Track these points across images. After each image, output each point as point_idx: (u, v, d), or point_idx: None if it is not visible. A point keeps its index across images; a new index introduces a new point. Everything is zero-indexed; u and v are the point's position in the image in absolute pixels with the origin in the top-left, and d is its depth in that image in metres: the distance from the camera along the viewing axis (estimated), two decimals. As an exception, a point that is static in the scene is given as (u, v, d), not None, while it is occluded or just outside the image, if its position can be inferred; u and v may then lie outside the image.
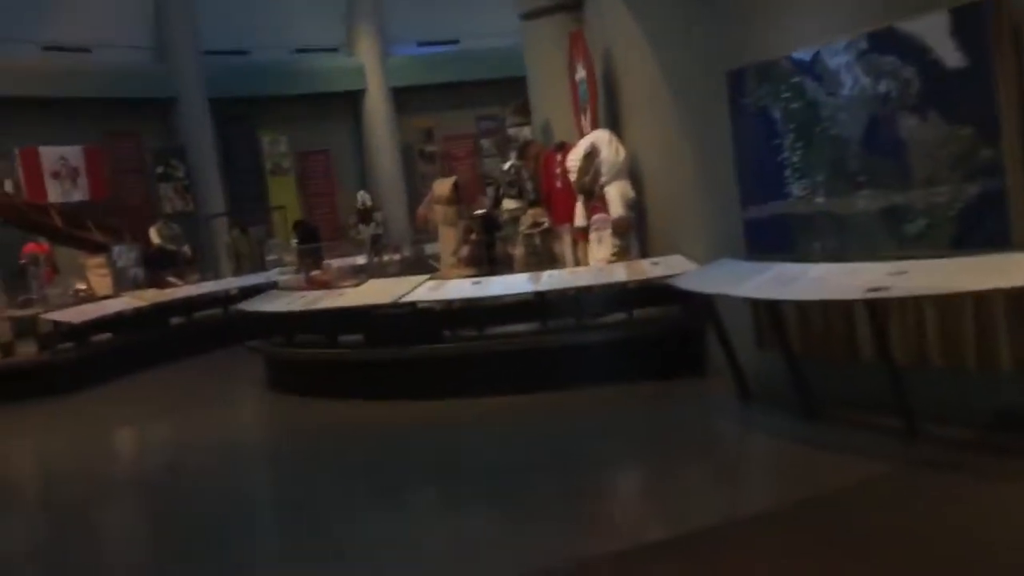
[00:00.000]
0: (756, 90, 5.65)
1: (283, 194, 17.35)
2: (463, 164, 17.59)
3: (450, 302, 7.29)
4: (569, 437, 5.97)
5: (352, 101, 18.47)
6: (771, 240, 5.72)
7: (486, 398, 6.91)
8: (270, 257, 13.75)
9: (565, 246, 7.78)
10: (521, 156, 9.26)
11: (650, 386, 6.69)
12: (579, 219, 7.87)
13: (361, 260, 10.21)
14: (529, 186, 8.83)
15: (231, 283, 13.10)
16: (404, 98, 18.40)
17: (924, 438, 4.69)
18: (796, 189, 5.45)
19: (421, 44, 18.67)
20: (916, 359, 4.81)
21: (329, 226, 15.79)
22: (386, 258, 10.79)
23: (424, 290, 7.26)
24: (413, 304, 7.25)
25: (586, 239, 7.80)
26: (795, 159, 5.42)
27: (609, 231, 7.51)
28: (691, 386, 6.69)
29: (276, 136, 17.61)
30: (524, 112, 10.30)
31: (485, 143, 17.96)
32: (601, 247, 7.64)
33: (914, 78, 4.65)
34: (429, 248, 10.96)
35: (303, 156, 18.09)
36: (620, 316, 7.24)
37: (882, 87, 4.83)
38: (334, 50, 18.37)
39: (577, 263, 7.65)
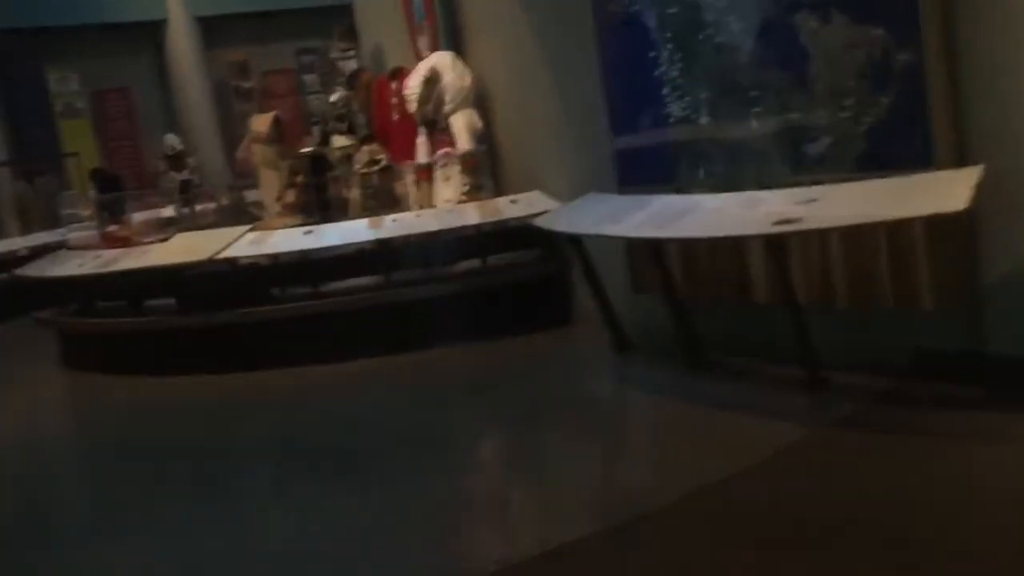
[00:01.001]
0: (626, -5, 4.87)
1: (77, 139, 15.36)
2: (284, 102, 16.08)
3: (276, 256, 6.23)
4: (422, 408, 5.11)
5: (153, 32, 16.54)
6: (646, 170, 5.02)
7: (323, 366, 5.96)
8: (65, 211, 12.04)
9: (407, 186, 6.84)
10: (350, 86, 8.22)
11: (512, 341, 5.93)
12: (421, 155, 6.94)
13: (169, 212, 8.88)
14: (361, 120, 7.83)
15: (17, 243, 11.41)
16: (212, 28, 16.63)
17: (831, 389, 4.14)
18: (676, 110, 4.74)
19: (229, -32, 16.89)
20: (820, 299, 4.23)
21: (134, 174, 14.10)
22: (199, 207, 9.48)
23: (245, 243, 6.17)
24: (232, 260, 6.15)
25: (430, 178, 6.89)
26: (674, 75, 4.70)
27: (457, 167, 6.64)
28: (558, 338, 5.98)
29: (66, 73, 15.54)
30: (350, 37, 9.18)
31: (307, 78, 16.57)
32: (448, 186, 6.76)
33: (816, -29, 3.98)
34: (252, 196, 9.77)
35: (99, 95, 16.09)
36: (473, 264, 6.41)
37: (777, -16, 4.13)
38: (128, -27, 16.34)
39: (421, 205, 6.73)
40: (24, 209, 12.44)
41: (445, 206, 6.60)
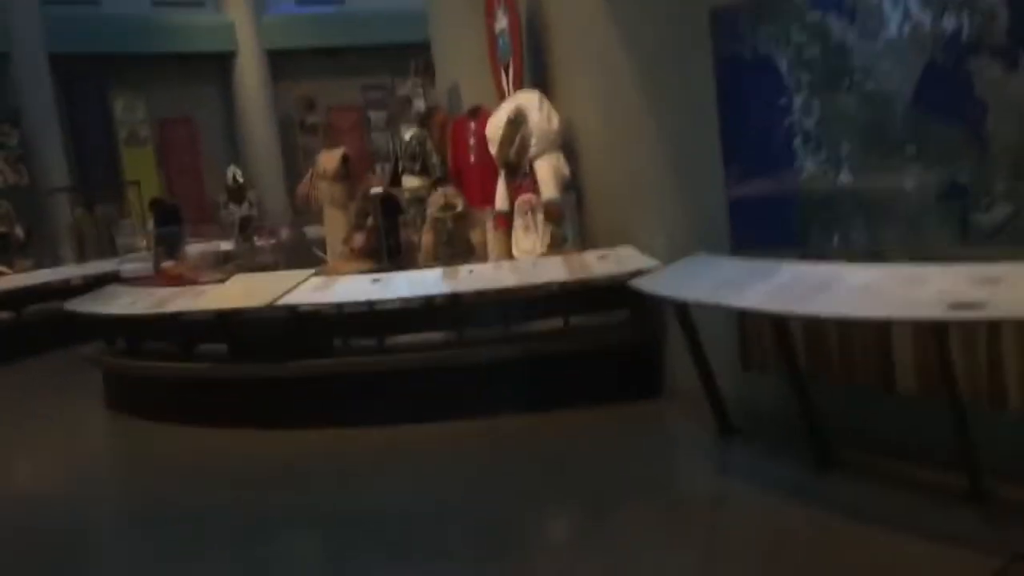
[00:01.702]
0: (754, 33, 4.28)
1: (139, 167, 15.20)
2: (349, 138, 15.73)
3: (340, 305, 5.68)
4: (489, 487, 4.49)
5: (221, 64, 16.41)
6: (767, 232, 4.39)
7: (383, 428, 5.38)
8: (121, 241, 11.76)
9: (483, 234, 6.28)
10: (424, 125, 7.74)
11: (594, 413, 5.28)
12: (501, 201, 6.39)
13: (227, 246, 8.44)
14: (435, 160, 7.32)
15: (73, 271, 11.12)
16: (281, 63, 16.47)
17: (996, 503, 3.44)
18: (809, 164, 4.12)
19: (300, 2, 16.72)
20: (984, 396, 3.54)
21: (193, 205, 13.83)
22: (258, 243, 9.03)
23: (308, 289, 5.65)
24: (293, 308, 5.62)
25: (509, 226, 6.33)
26: (809, 124, 4.09)
27: (540, 216, 6.07)
28: (647, 414, 5.31)
29: (132, 100, 15.41)
30: (428, 73, 8.73)
31: (373, 115, 16.27)
32: (528, 236, 6.18)
33: (1000, 8, 3.35)
34: (311, 232, 9.33)
35: (163, 124, 15.96)
36: (554, 324, 5.80)
37: (947, 24, 3.51)
38: (200, 4, 16.22)
39: (499, 256, 6.16)
40: (81, 237, 12.17)
41: (525, 258, 6.03)
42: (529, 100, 6.25)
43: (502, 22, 6.87)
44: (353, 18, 16.36)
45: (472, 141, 6.97)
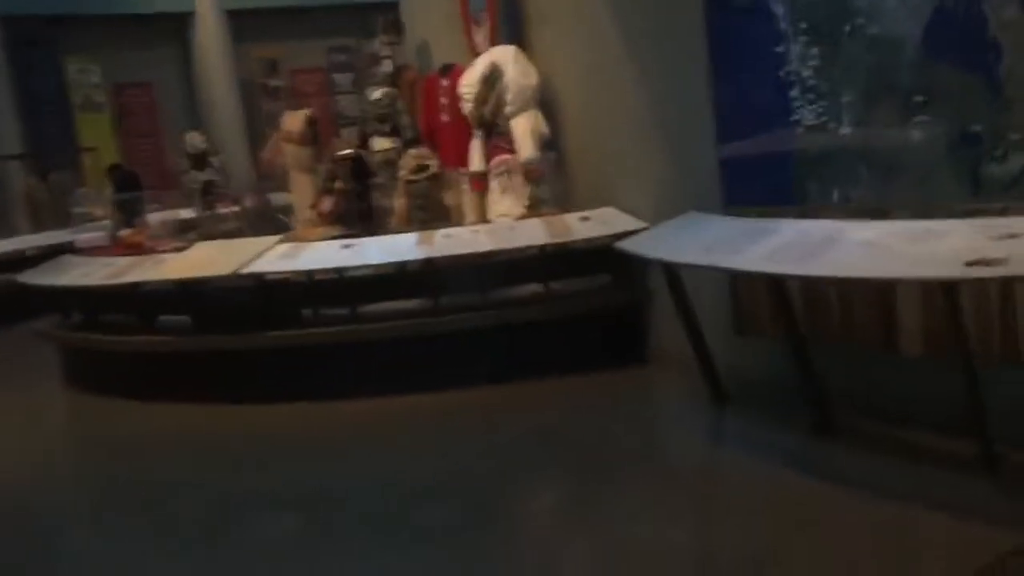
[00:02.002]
0: (747, -24, 4.03)
1: (96, 134, 14.64)
2: (314, 102, 15.27)
3: (309, 273, 5.39)
4: (472, 460, 4.27)
5: (179, 24, 15.80)
6: (762, 188, 4.17)
7: (357, 401, 5.13)
8: (78, 209, 11.30)
9: (458, 197, 6.00)
10: (394, 84, 7.41)
11: (578, 381, 5.07)
12: (476, 162, 6.11)
13: (188, 213, 8.09)
14: (405, 120, 7.01)
15: (26, 241, 10.66)
16: (242, 23, 15.87)
17: (1007, 471, 3.27)
18: (807, 115, 3.88)
19: (261, -40, 16.14)
20: (997, 357, 3.36)
21: (154, 172, 13.33)
22: (221, 210, 8.68)
23: (275, 256, 5.35)
24: (259, 276, 5.33)
25: (485, 188, 6.06)
26: (807, 73, 3.84)
27: (517, 177, 5.80)
28: (634, 381, 5.11)
29: (86, 64, 14.81)
30: (395, 31, 8.37)
31: (338, 77, 15.81)
32: (505, 198, 5.92)
33: (1017, -56, 3.12)
34: (277, 198, 8.98)
35: (120, 89, 15.35)
36: (533, 289, 5.55)
37: (960, -39, 3.28)
38: (156, -37, 15.61)
39: (474, 219, 5.90)
40: (36, 206, 11.69)
41: (503, 221, 5.77)
42: (504, 55, 5.96)
43: (474, -26, 6.55)
44: (317, -24, 15.81)
45: (444, 100, 6.65)
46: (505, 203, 5.89)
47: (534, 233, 5.29)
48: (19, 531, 4.09)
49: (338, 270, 5.28)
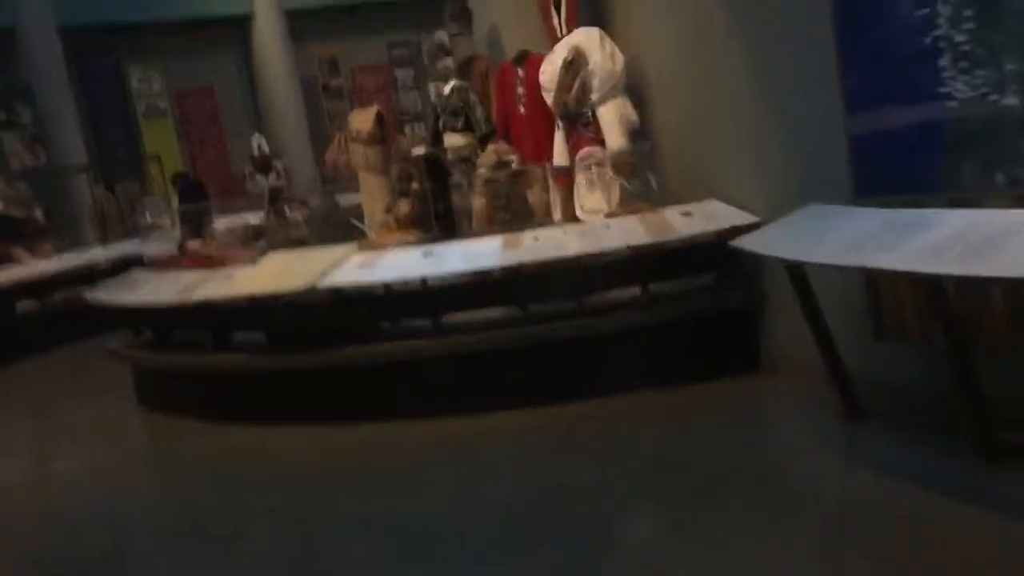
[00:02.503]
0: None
1: (159, 141, 14.56)
2: (376, 99, 15.00)
3: (390, 284, 4.99)
4: (573, 484, 3.83)
5: (238, 27, 15.63)
6: (904, 172, 3.63)
7: (446, 419, 4.75)
8: (146, 220, 11.14)
9: (543, 194, 5.55)
10: (463, 76, 6.99)
11: (685, 393, 4.61)
12: (559, 155, 5.66)
13: (255, 219, 7.78)
14: (479, 114, 6.59)
15: (97, 254, 10.56)
16: (301, 23, 15.65)
17: None
18: (961, 87, 3.34)
19: (317, -42, 15.89)
20: None
21: (218, 178, 13.21)
22: (290, 215, 8.35)
23: (352, 267, 4.97)
24: (338, 289, 4.95)
25: (570, 183, 5.60)
26: (960, 39, 3.30)
27: (607, 170, 5.33)
28: (750, 393, 4.62)
29: (148, 72, 14.72)
30: (464, 18, 7.94)
31: (400, 74, 15.49)
32: (593, 194, 5.45)
33: None
34: (344, 200, 8.66)
35: (182, 95, 15.27)
36: (631, 293, 5.07)
37: None
38: (213, -34, 15.46)
39: (562, 218, 5.44)
40: (104, 217, 11.58)
41: (596, 220, 5.30)
42: (588, 39, 5.49)
43: (550, -47, 6.08)
44: (375, -29, 15.51)
45: (521, 90, 6.23)
46: (593, 199, 5.43)
47: (632, 232, 4.81)
48: (94, 554, 3.84)
49: (420, 279, 4.87)
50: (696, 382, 4.68)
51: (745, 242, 3.98)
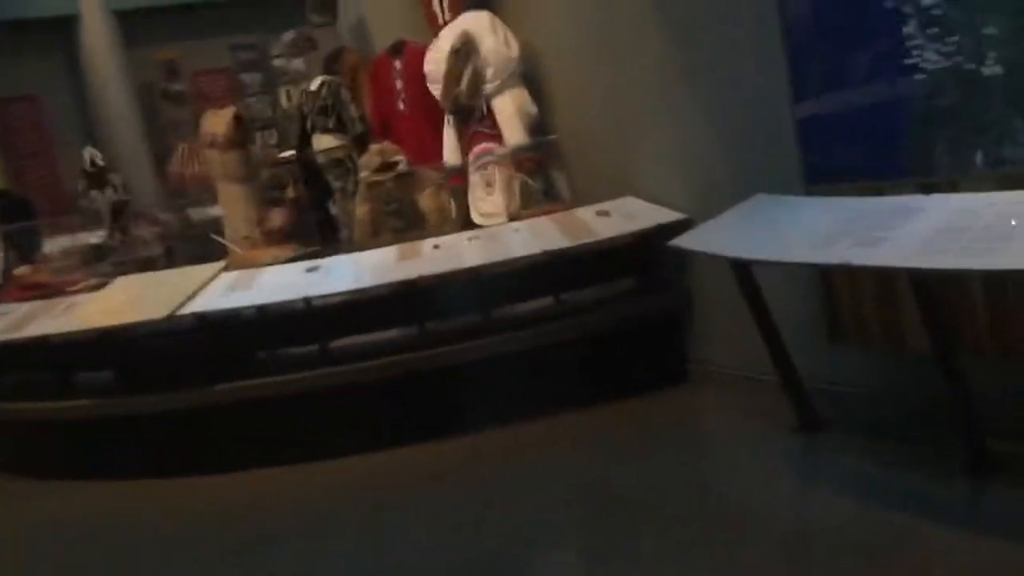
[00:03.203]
0: None
1: (-24, 157, 13.07)
2: (221, 105, 13.98)
3: (264, 308, 4.27)
4: (492, 524, 3.29)
5: (63, 30, 14.23)
6: (863, 155, 3.26)
7: (341, 460, 4.12)
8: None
9: (433, 198, 4.95)
10: (330, 70, 6.32)
11: (611, 411, 4.15)
12: (450, 154, 5.09)
13: (95, 239, 6.84)
14: (352, 112, 5.92)
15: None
16: (133, 25, 14.40)
17: None
18: (930, 56, 2.97)
19: (149, -46, 14.67)
20: None
21: (47, 196, 11.90)
22: (137, 232, 7.42)
23: (221, 289, 4.23)
24: (203, 316, 4.20)
25: (464, 184, 5.04)
26: (929, 1, 2.94)
27: (505, 169, 4.80)
28: (685, 406, 4.19)
29: (-41, 80, 13.19)
30: (326, 9, 7.24)
31: (246, 77, 14.50)
32: (490, 196, 4.91)
33: None
34: (195, 214, 7.79)
35: (2, 104, 13.79)
36: (542, 304, 4.55)
37: None
38: (31, -38, 14.01)
39: (458, 223, 4.87)
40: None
41: (489, 223, 4.76)
42: (477, 23, 4.97)
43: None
44: (211, -31, 14.47)
45: (400, 84, 5.63)
46: (491, 202, 4.89)
47: (545, 235, 4.29)
48: None
49: (304, 300, 4.17)
50: (620, 399, 4.23)
51: (684, 241, 3.51)
